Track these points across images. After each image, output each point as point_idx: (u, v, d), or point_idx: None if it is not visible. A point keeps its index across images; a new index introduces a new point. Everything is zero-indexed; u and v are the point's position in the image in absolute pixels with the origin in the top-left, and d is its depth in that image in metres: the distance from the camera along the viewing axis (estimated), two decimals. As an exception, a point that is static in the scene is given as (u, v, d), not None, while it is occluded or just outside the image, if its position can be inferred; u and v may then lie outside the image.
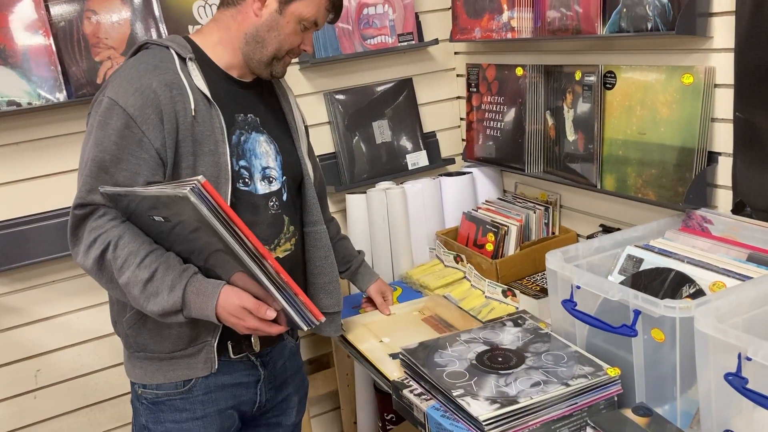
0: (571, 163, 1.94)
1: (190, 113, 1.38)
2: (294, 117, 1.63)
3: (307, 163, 1.63)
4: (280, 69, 1.52)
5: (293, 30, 1.46)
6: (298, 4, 1.45)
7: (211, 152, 1.41)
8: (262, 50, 1.47)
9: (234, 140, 1.46)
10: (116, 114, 1.34)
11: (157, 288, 1.32)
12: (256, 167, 1.49)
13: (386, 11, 2.28)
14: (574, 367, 1.36)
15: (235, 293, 1.32)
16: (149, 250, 1.34)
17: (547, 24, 1.90)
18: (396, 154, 2.38)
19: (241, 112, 1.50)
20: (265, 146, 1.52)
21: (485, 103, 2.26)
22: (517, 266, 2.00)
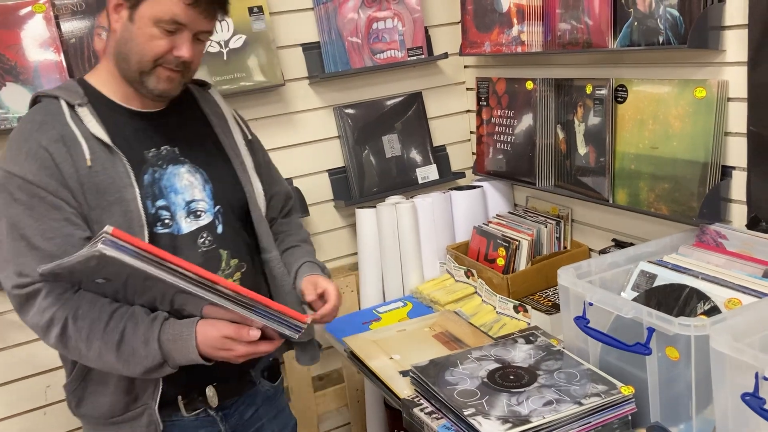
0: (583, 177, 1.92)
1: (85, 165, 1.27)
2: (231, 135, 1.49)
3: (253, 183, 1.48)
4: (155, 84, 1.32)
5: (150, 35, 1.27)
6: (147, 6, 1.26)
7: (118, 201, 1.28)
8: (127, 66, 1.31)
9: (147, 180, 1.33)
10: (17, 185, 1.25)
11: (131, 347, 1.24)
12: (178, 204, 1.36)
13: (396, 25, 2.28)
14: (587, 386, 1.34)
15: (211, 325, 1.24)
16: (111, 311, 1.26)
17: (558, 38, 1.89)
18: (406, 168, 2.37)
19: (152, 147, 1.37)
20: (188, 178, 1.38)
21: (495, 116, 2.25)
22: (528, 281, 1.98)
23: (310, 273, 1.53)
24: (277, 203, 1.63)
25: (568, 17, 1.84)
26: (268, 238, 1.50)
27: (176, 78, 1.33)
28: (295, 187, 2.24)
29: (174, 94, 1.36)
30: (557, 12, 1.88)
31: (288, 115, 2.24)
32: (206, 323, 1.25)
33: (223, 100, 1.54)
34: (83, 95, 1.33)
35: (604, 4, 1.71)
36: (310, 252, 1.63)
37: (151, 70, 1.30)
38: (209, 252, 1.38)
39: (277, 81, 2.12)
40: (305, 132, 2.28)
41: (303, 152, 2.28)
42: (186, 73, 1.35)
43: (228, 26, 2.05)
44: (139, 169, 1.33)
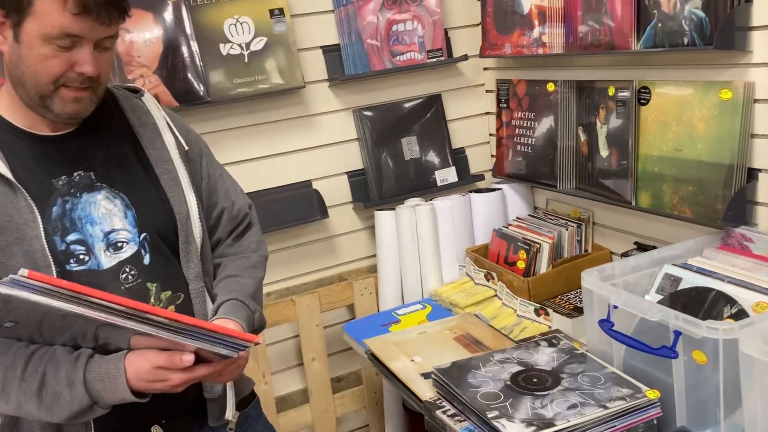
0: (605, 180, 1.91)
1: None
2: (164, 147, 1.31)
3: (188, 200, 1.30)
4: (60, 107, 1.16)
5: (42, 55, 1.11)
6: (30, 23, 1.10)
7: (17, 240, 1.13)
8: (24, 91, 1.16)
9: (55, 213, 1.18)
10: None
11: (54, 392, 1.11)
12: (96, 236, 1.21)
13: (415, 28, 2.28)
14: (612, 389, 1.33)
15: (141, 357, 1.11)
16: (28, 355, 1.12)
17: (579, 39, 1.88)
18: (424, 170, 2.37)
19: (62, 174, 1.21)
20: (106, 205, 1.23)
21: (516, 118, 2.24)
22: (549, 284, 1.97)
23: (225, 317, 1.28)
24: (226, 222, 1.43)
25: (590, 19, 1.83)
26: (190, 267, 1.30)
27: (85, 96, 1.17)
28: (315, 189, 2.24)
29: (86, 114, 1.21)
30: (579, 14, 1.87)
31: (308, 117, 2.24)
32: (135, 355, 1.12)
33: (156, 107, 1.36)
34: None
35: (627, 6, 1.70)
36: (245, 285, 1.38)
37: (53, 92, 1.15)
38: (134, 287, 1.23)
39: (297, 83, 2.13)
40: (324, 134, 2.28)
41: (322, 154, 2.28)
42: (96, 88, 1.19)
43: (249, 28, 2.05)
44: (45, 202, 1.17)
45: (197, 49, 1.99)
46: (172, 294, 1.27)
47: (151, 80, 1.93)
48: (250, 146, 2.17)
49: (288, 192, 2.23)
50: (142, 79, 1.93)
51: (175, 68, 1.96)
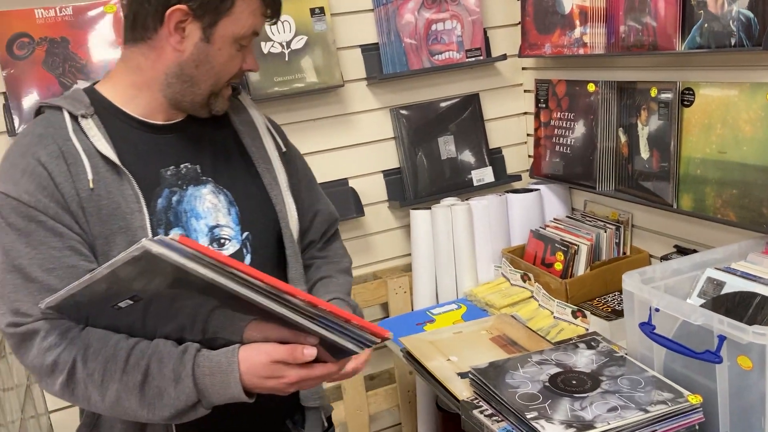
0: (645, 182, 1.88)
1: (87, 186, 1.09)
2: (263, 147, 1.30)
3: (286, 202, 1.29)
4: (221, 105, 1.21)
5: (229, 55, 1.15)
6: (227, 23, 1.12)
7: (122, 230, 1.10)
8: (193, 90, 1.17)
9: (161, 205, 1.16)
10: (11, 208, 1.07)
11: (158, 387, 1.04)
12: (200, 230, 1.18)
13: (454, 27, 2.28)
14: (653, 393, 1.32)
15: (257, 350, 1.03)
16: (129, 347, 1.06)
17: (621, 40, 1.86)
18: (460, 169, 2.37)
19: (171, 164, 1.19)
20: (211, 199, 1.21)
21: (554, 119, 2.23)
22: (587, 286, 1.95)
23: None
24: (320, 225, 1.43)
25: (633, 19, 1.81)
26: (296, 268, 1.29)
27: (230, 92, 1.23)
28: (351, 188, 2.25)
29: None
30: (621, 14, 1.85)
31: (345, 116, 2.26)
32: (249, 349, 1.04)
33: (254, 106, 1.35)
34: (89, 105, 1.16)
35: (671, 6, 1.68)
36: (342, 286, 1.38)
37: (222, 90, 1.19)
38: None
39: (336, 82, 2.14)
40: (362, 133, 2.29)
41: (359, 153, 2.29)
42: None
43: (290, 27, 2.07)
44: (151, 192, 1.15)
45: (239, 47, 2.01)
46: None
47: (193, 77, 1.96)
48: (289, 144, 2.19)
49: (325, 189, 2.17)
50: (184, 77, 1.96)
51: (217, 66, 1.99)
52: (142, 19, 1.13)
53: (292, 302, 0.96)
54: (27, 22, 1.84)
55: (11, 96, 1.85)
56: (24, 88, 1.85)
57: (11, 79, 1.84)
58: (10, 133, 1.86)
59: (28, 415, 1.78)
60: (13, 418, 1.63)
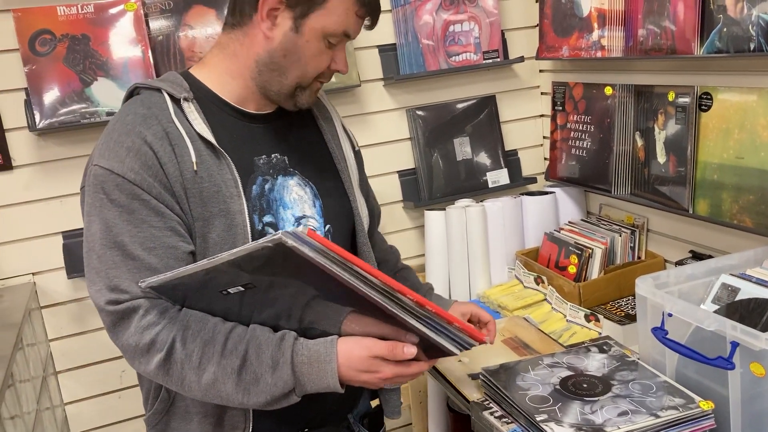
0: (661, 186, 1.88)
1: (191, 168, 1.11)
2: (340, 145, 1.34)
3: (359, 201, 1.33)
4: (306, 99, 1.22)
5: (317, 50, 1.15)
6: (318, 16, 1.12)
7: (222, 213, 1.13)
8: (280, 80, 1.18)
9: (255, 191, 1.19)
10: (115, 185, 1.08)
11: (255, 373, 1.05)
12: (287, 220, 1.21)
13: (472, 28, 2.28)
14: (664, 398, 1.31)
15: (357, 344, 1.05)
16: (228, 330, 1.08)
17: (639, 43, 1.85)
18: (475, 171, 2.37)
19: (263, 153, 1.22)
20: (298, 191, 1.24)
21: (571, 122, 2.22)
22: (601, 290, 1.94)
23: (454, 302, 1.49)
24: (374, 222, 1.49)
25: (651, 22, 1.80)
26: (369, 260, 1.33)
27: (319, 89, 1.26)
28: (366, 187, 2.26)
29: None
30: (639, 17, 1.84)
31: (362, 115, 2.26)
32: (349, 341, 1.05)
33: (332, 106, 1.40)
34: (188, 88, 1.19)
35: (690, 10, 1.67)
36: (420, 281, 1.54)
37: (309, 85, 1.20)
38: None
39: (353, 82, 2.15)
40: (378, 133, 2.30)
41: (375, 153, 2.30)
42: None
43: (308, 27, 2.08)
44: (247, 178, 1.18)
45: (257, 46, 2.02)
46: None
47: (211, 76, 1.98)
48: (305, 143, 2.20)
49: (340, 189, 2.25)
50: (202, 75, 1.97)
51: (235, 64, 2.00)
52: (240, 4, 1.17)
53: (403, 301, 0.98)
54: (49, 18, 1.87)
55: (32, 91, 1.87)
56: (45, 84, 1.88)
57: (33, 75, 1.87)
58: (31, 128, 1.89)
59: (43, 407, 1.81)
60: (29, 409, 1.65)
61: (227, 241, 1.12)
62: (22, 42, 1.86)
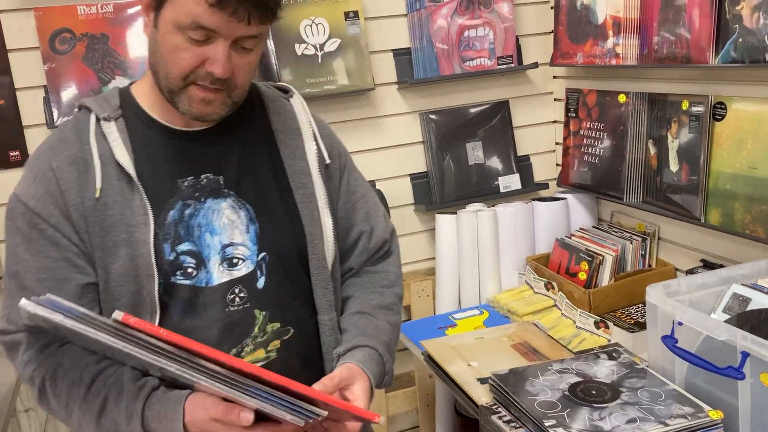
0: (673, 195, 1.88)
1: (94, 195, 1.05)
2: (303, 155, 1.19)
3: (323, 221, 1.17)
4: (187, 106, 1.05)
5: (173, 46, 1.01)
6: (168, 8, 1.00)
7: (125, 242, 1.05)
8: (158, 82, 1.07)
9: (171, 218, 1.08)
10: (19, 212, 1.06)
11: (115, 420, 1.01)
12: (213, 247, 1.10)
13: (487, 34, 2.29)
14: (673, 406, 1.32)
15: (198, 403, 0.97)
16: (94, 373, 1.03)
17: (654, 51, 1.85)
18: (487, 176, 2.37)
19: (190, 174, 1.11)
20: (229, 215, 1.11)
21: (584, 128, 2.23)
22: (611, 297, 1.95)
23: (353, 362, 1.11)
24: (362, 250, 1.28)
25: (666, 31, 1.80)
26: (324, 295, 1.18)
27: (215, 99, 1.05)
28: (378, 190, 2.27)
29: (215, 117, 1.08)
30: (654, 25, 1.85)
31: (375, 119, 2.28)
32: (195, 399, 0.98)
33: (305, 111, 1.24)
34: (117, 107, 1.11)
35: (706, 19, 1.67)
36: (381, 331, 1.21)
37: (182, 89, 1.04)
38: (238, 312, 1.10)
39: (367, 85, 2.16)
40: (391, 136, 2.31)
41: (387, 156, 2.31)
42: (231, 92, 1.07)
43: (324, 30, 2.10)
44: (162, 204, 1.08)
45: (273, 48, 2.04)
46: (280, 327, 1.14)
47: (227, 77, 1.99)
48: (318, 145, 2.21)
49: (352, 191, 2.26)
50: (219, 75, 1.99)
51: (251, 66, 2.02)
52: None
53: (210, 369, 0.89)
54: (70, 17, 1.89)
55: (51, 89, 1.90)
56: (63, 82, 1.90)
57: (52, 73, 1.89)
58: (49, 125, 1.91)
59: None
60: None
61: (130, 273, 1.05)
62: (42, 40, 1.88)
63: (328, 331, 1.19)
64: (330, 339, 1.19)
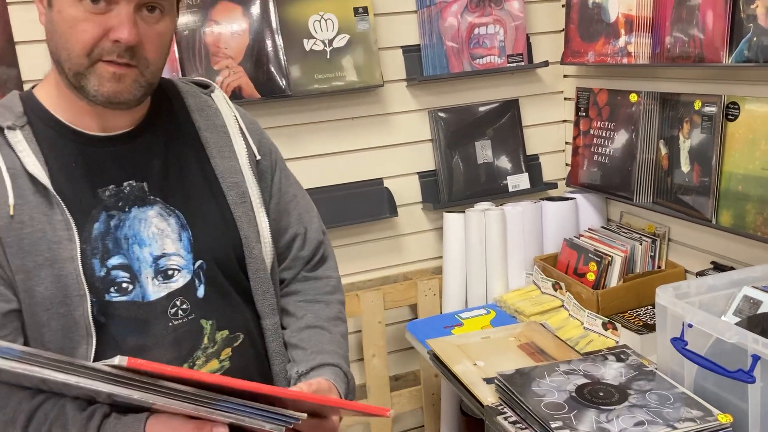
0: (684, 196, 1.86)
1: (7, 212, 0.95)
2: (234, 156, 1.11)
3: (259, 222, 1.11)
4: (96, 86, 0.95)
5: (74, 17, 0.92)
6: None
7: (48, 262, 0.96)
8: (62, 72, 0.97)
9: (96, 231, 0.99)
10: None
11: None
12: (143, 260, 1.02)
13: (497, 32, 2.27)
14: (681, 410, 1.30)
15: (163, 424, 0.90)
16: (32, 409, 0.94)
17: (666, 50, 1.83)
18: (496, 175, 2.36)
19: (111, 183, 1.02)
20: (158, 223, 1.03)
21: (594, 128, 2.21)
22: (619, 299, 1.93)
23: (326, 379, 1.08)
24: (297, 252, 1.22)
25: (679, 30, 1.78)
26: (266, 299, 1.12)
27: (126, 75, 0.96)
28: (385, 188, 2.26)
29: (130, 98, 0.98)
30: (667, 24, 1.82)
31: (384, 116, 2.26)
32: (157, 421, 0.91)
33: (228, 105, 1.16)
34: (21, 114, 1.01)
35: (720, 18, 1.65)
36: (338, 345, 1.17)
37: (89, 68, 0.95)
38: (185, 325, 1.04)
39: (376, 82, 2.15)
40: (399, 133, 2.29)
41: (395, 153, 2.30)
42: (144, 68, 0.97)
43: (333, 25, 2.09)
44: (85, 217, 0.99)
45: (281, 44, 2.03)
46: (229, 334, 1.08)
47: (235, 71, 1.99)
48: (326, 141, 2.20)
49: (359, 188, 2.25)
50: (227, 70, 1.98)
51: (260, 61, 2.01)
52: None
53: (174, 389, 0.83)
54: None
55: (59, 82, 1.88)
56: None
57: (60, 66, 1.88)
58: None
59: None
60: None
61: (57, 295, 0.96)
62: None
63: (272, 336, 1.14)
64: (274, 345, 1.14)
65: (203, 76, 1.97)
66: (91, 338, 0.99)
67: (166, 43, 1.01)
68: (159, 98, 1.10)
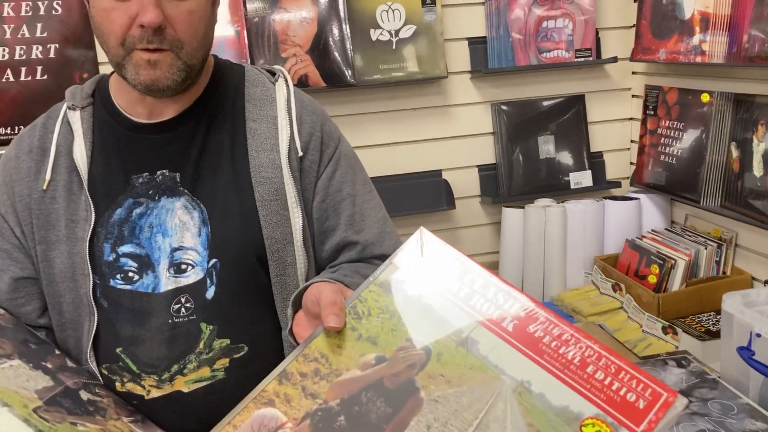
0: (755, 201, 1.80)
1: (41, 187, 1.01)
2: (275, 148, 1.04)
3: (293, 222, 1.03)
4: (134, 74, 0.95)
5: (104, 9, 0.93)
6: None
7: (66, 238, 1.00)
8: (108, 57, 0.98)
9: (117, 216, 1.00)
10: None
11: None
12: (163, 250, 0.99)
13: (566, 25, 2.23)
14: (745, 421, 1.26)
15: None
16: None
17: (744, 50, 1.77)
18: (557, 171, 2.32)
19: (146, 170, 1.02)
20: (182, 216, 1.01)
21: (662, 127, 2.15)
22: (681, 303, 1.88)
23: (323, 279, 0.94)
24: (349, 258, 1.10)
25: (759, 29, 1.72)
26: (287, 306, 0.99)
27: (162, 60, 0.94)
28: (444, 180, 2.25)
29: (169, 83, 0.96)
30: (746, 22, 1.76)
31: (446, 107, 2.25)
32: None
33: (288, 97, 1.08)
34: (88, 96, 1.06)
35: (804, 18, 1.59)
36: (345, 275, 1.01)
37: (125, 58, 0.95)
38: (184, 325, 0.99)
39: (440, 73, 2.14)
40: (460, 125, 2.28)
41: (456, 145, 2.29)
42: (178, 49, 0.95)
43: (400, 16, 2.08)
44: (111, 201, 1.01)
45: (348, 33, 2.04)
46: (230, 344, 1.01)
47: (302, 59, 2.00)
48: (388, 131, 2.21)
49: (418, 179, 2.25)
50: (294, 58, 2.00)
51: (326, 50, 2.03)
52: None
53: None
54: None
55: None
56: None
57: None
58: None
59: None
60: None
61: (68, 270, 1.00)
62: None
63: (291, 348, 1.02)
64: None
65: (270, 63, 1.99)
66: (93, 317, 1.01)
67: (200, 21, 0.96)
68: (215, 85, 1.08)
